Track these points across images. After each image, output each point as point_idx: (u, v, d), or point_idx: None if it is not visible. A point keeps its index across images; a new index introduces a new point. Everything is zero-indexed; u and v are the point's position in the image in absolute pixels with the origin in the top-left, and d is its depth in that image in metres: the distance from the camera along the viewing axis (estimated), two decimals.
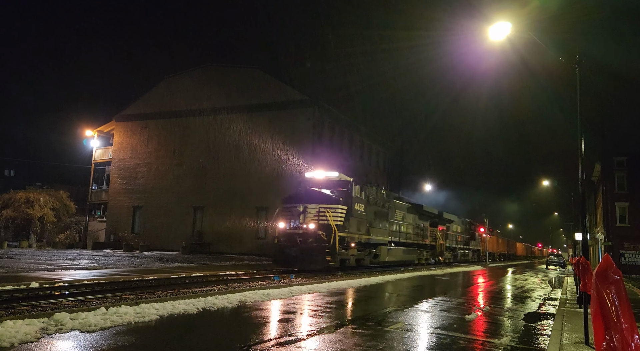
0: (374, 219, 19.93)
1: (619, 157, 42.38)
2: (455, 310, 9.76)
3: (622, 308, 2.54)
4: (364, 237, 18.85)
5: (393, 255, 22.17)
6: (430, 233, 29.60)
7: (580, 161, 12.19)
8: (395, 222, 23.09)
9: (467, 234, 41.10)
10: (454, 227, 36.64)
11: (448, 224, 34.46)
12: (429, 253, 29.14)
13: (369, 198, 19.50)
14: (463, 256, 38.92)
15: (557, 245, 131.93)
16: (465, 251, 40.20)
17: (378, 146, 45.57)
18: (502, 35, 11.17)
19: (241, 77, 35.40)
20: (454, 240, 36.17)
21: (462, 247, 39.28)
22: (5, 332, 5.17)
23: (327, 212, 16.03)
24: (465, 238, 40.70)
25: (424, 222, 28.52)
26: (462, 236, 39.16)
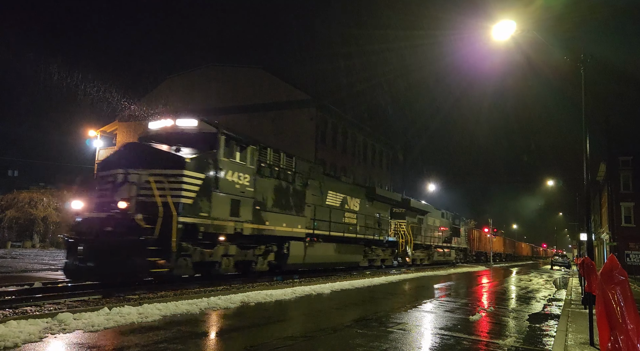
0: (274, 199, 12.88)
1: (625, 156, 42.11)
2: (459, 310, 9.72)
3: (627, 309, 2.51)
4: (249, 226, 11.71)
5: (317, 254, 15.28)
6: (393, 227, 23.12)
7: (585, 160, 12.14)
8: (324, 207, 15.94)
9: (449, 229, 33.77)
10: (430, 220, 29.48)
11: (421, 216, 27.55)
12: (387, 252, 22.34)
13: (261, 166, 12.40)
14: (442, 256, 31.34)
15: (561, 245, 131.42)
16: (446, 250, 32.46)
17: (381, 146, 45.53)
18: (506, 35, 11.13)
19: (244, 76, 35.45)
20: (429, 236, 28.79)
21: (442, 244, 31.73)
22: (9, 332, 5.18)
23: (164, 183, 9.56)
24: (447, 235, 33.33)
25: (382, 211, 21.58)
26: (441, 231, 31.87)
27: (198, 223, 9.96)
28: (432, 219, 30.03)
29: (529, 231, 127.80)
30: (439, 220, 31.56)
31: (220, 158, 10.89)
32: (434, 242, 29.66)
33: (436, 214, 31.24)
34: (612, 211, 37.45)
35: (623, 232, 40.13)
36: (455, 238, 35.24)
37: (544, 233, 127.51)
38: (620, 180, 42.06)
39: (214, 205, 10.53)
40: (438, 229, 31.17)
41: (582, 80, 11.61)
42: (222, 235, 10.82)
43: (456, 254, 35.33)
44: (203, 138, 10.89)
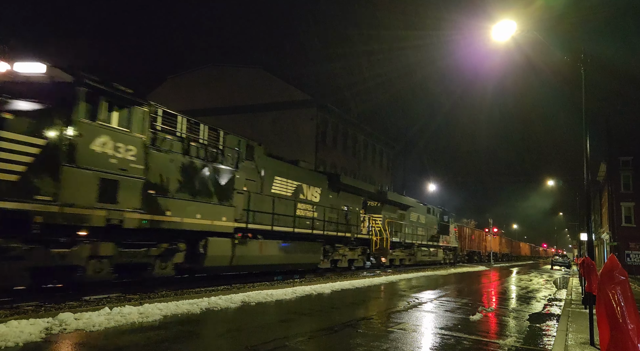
0: (181, 182, 9.88)
1: (625, 156, 42.10)
2: (459, 310, 9.72)
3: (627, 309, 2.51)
4: (137, 216, 8.71)
5: (252, 254, 12.13)
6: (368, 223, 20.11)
7: (585, 160, 12.14)
8: (266, 195, 13.00)
9: (437, 227, 30.30)
10: (413, 216, 26.12)
11: (402, 211, 24.18)
12: (357, 252, 19.04)
13: (157, 136, 9.44)
14: (428, 256, 27.91)
15: (562, 245, 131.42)
16: (432, 249, 28.77)
17: (382, 146, 45.53)
18: (506, 35, 11.14)
19: (244, 76, 35.47)
20: (412, 233, 25.35)
21: (427, 243, 28.07)
22: (10, 332, 5.19)
23: None
24: (434, 232, 29.70)
25: (351, 204, 18.45)
26: (426, 229, 28.22)
27: (30, 210, 7.05)
28: (416, 215, 26.67)
29: (529, 231, 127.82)
30: (424, 216, 27.96)
31: (79, 118, 7.82)
32: (417, 240, 26.08)
33: (421, 210, 27.80)
34: (612, 211, 37.43)
35: (623, 232, 40.12)
36: (444, 236, 31.45)
37: (544, 233, 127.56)
38: (621, 180, 42.05)
39: (67, 185, 7.53)
40: (423, 226, 27.75)
41: (583, 80, 11.61)
42: (83, 228, 7.88)
43: (444, 254, 31.59)
44: (55, 90, 7.80)
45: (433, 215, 29.93)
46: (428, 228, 28.63)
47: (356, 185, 19.41)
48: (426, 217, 28.51)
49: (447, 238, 32.32)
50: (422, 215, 27.79)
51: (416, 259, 25.77)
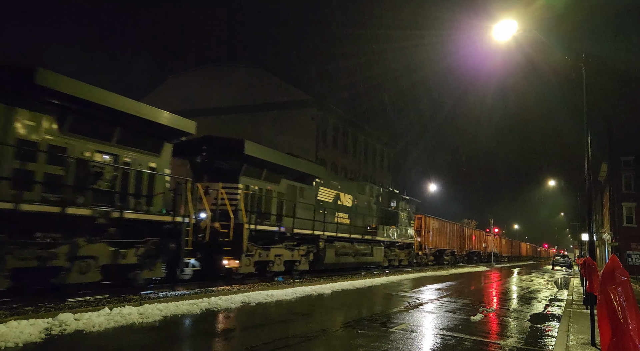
0: None
1: (626, 156, 42.04)
2: (460, 311, 9.70)
3: (629, 310, 2.49)
4: None
5: None
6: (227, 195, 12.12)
7: (586, 160, 12.11)
8: None
9: (375, 214, 20.94)
10: (324, 193, 16.81)
11: (293, 182, 15.02)
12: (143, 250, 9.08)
13: None
14: (353, 255, 18.11)
15: (563, 245, 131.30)
16: (371, 246, 19.50)
17: (382, 146, 45.54)
18: (507, 34, 11.12)
19: (244, 77, 35.49)
20: (318, 219, 15.74)
21: (354, 237, 18.05)
22: (10, 332, 5.18)
23: None
24: (373, 221, 20.51)
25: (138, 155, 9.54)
26: (357, 215, 19.01)
27: None
28: (332, 193, 17.22)
29: (530, 231, 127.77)
30: (350, 196, 18.53)
31: None
32: (331, 231, 16.27)
33: (344, 186, 18.60)
34: (613, 211, 37.38)
35: (625, 232, 40.07)
36: (390, 228, 21.59)
37: (545, 233, 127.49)
38: (622, 180, 42.00)
39: None
40: (349, 211, 18.32)
41: (584, 80, 11.59)
42: None
43: (389, 252, 21.97)
44: None
45: (371, 197, 20.62)
46: (359, 214, 19.09)
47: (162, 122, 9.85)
48: (355, 198, 18.95)
49: (396, 230, 22.22)
50: (345, 194, 18.13)
51: (323, 261, 15.70)
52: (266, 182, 13.70)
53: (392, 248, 22.49)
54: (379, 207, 21.49)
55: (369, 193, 20.78)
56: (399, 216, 23.21)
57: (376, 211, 21.14)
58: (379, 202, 21.52)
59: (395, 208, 23.00)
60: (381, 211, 21.61)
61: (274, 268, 13.41)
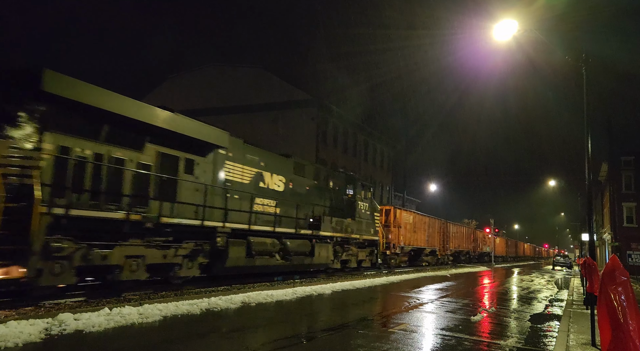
0: None
1: (627, 156, 42.05)
2: (460, 311, 9.70)
3: (629, 310, 2.49)
4: None
5: None
6: None
7: (587, 160, 12.11)
8: None
9: (327, 200, 16.75)
10: (235, 170, 12.33)
11: (194, 156, 10.98)
12: None
13: None
14: (295, 255, 13.92)
15: (563, 245, 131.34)
16: (311, 243, 14.81)
17: (382, 146, 45.54)
18: (508, 34, 11.12)
19: (245, 76, 35.51)
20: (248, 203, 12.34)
21: (294, 233, 13.91)
22: (10, 332, 5.18)
23: None
24: (323, 208, 16.28)
25: None
26: (297, 201, 14.55)
27: None
28: (250, 171, 12.88)
29: (530, 231, 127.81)
30: (282, 178, 14.10)
31: None
32: (240, 221, 11.87)
33: (272, 164, 13.76)
34: (614, 211, 37.40)
35: (625, 232, 40.07)
36: (344, 221, 16.89)
37: (546, 233, 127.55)
38: (622, 180, 42.00)
39: None
40: (282, 197, 13.89)
41: (584, 80, 11.59)
42: None
43: (341, 249, 16.89)
44: None
45: (315, 180, 15.86)
46: (297, 202, 14.36)
47: None
48: (289, 180, 14.33)
49: (353, 224, 17.48)
50: (274, 174, 13.64)
51: (225, 263, 11.18)
52: (112, 145, 8.94)
53: (346, 246, 17.34)
54: (329, 195, 16.87)
55: (311, 176, 15.80)
56: (358, 206, 18.18)
57: (323, 199, 16.36)
58: (328, 187, 16.94)
59: (351, 196, 18.12)
60: (331, 199, 16.94)
61: (125, 276, 8.78)
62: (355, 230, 17.80)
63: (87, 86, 8.29)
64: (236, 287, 10.85)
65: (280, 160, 14.45)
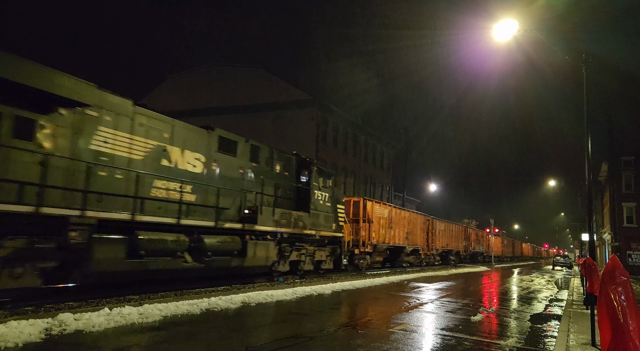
0: None
1: (627, 156, 42.06)
2: (460, 311, 9.70)
3: (629, 310, 2.49)
4: None
5: None
6: None
7: (587, 160, 12.11)
8: None
9: (270, 187, 13.42)
10: (131, 141, 9.23)
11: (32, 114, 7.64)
12: None
13: None
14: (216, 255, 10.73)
15: (563, 245, 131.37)
16: (242, 240, 11.65)
17: (382, 146, 45.54)
18: (508, 34, 11.12)
19: (244, 76, 35.52)
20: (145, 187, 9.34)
21: (213, 226, 10.68)
22: (10, 333, 5.18)
23: None
24: (265, 197, 12.92)
25: None
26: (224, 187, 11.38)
27: None
28: (146, 144, 9.60)
29: (530, 231, 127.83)
30: (199, 155, 11.07)
31: None
32: (121, 209, 8.71)
33: (183, 136, 10.64)
34: (614, 211, 37.41)
35: (625, 232, 40.09)
36: (294, 213, 13.94)
37: (546, 233, 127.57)
38: (622, 180, 42.01)
39: None
40: (199, 178, 10.96)
41: (584, 80, 11.60)
42: None
43: (288, 247, 13.72)
44: None
45: (252, 162, 12.78)
46: (223, 188, 11.44)
47: None
48: (211, 159, 11.45)
49: (307, 218, 14.47)
50: (185, 150, 10.66)
51: (88, 267, 7.98)
52: None
53: (298, 244, 14.16)
54: (274, 181, 13.56)
55: (246, 156, 12.57)
56: (314, 197, 14.90)
57: (265, 186, 12.99)
58: (273, 172, 13.65)
59: (305, 184, 14.87)
60: (277, 187, 13.76)
61: None
62: (310, 224, 14.55)
63: None
64: (236, 287, 10.85)
65: (198, 133, 11.10)
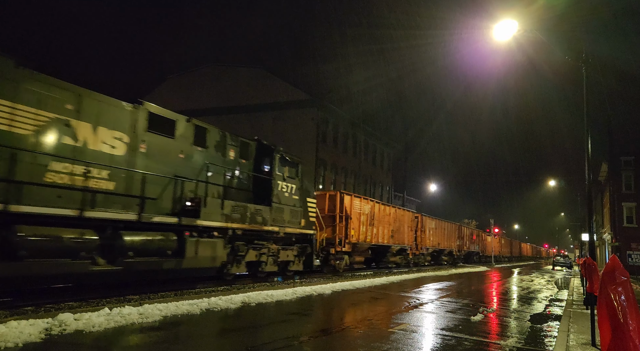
0: None
1: (627, 156, 42.07)
2: (460, 311, 9.70)
3: (629, 310, 2.49)
4: None
5: None
6: None
7: (587, 160, 12.11)
8: None
9: (221, 176, 11.49)
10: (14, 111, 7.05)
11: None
12: None
13: None
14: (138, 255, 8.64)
15: (563, 245, 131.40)
16: (179, 237, 9.59)
17: (382, 146, 45.53)
18: (508, 34, 11.12)
19: (244, 76, 35.52)
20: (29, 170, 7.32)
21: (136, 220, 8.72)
22: (9, 333, 5.18)
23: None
24: (214, 187, 11.07)
25: None
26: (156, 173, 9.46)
27: None
28: (45, 116, 7.70)
29: (530, 231, 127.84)
30: (121, 134, 8.94)
31: None
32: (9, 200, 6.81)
33: (95, 108, 8.50)
34: (614, 211, 37.41)
35: (625, 232, 40.10)
36: (249, 206, 11.76)
37: (546, 233, 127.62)
38: (622, 180, 42.02)
39: None
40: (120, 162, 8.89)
41: (584, 80, 11.60)
42: None
43: (245, 248, 11.70)
44: None
45: (196, 146, 10.90)
46: (161, 175, 9.69)
47: None
48: (142, 139, 9.42)
49: (267, 212, 12.46)
50: (99, 126, 8.54)
51: None
52: None
53: (258, 242, 12.18)
54: (224, 168, 11.62)
55: (189, 139, 10.60)
56: (277, 188, 12.90)
57: (214, 174, 11.16)
58: (225, 159, 11.77)
59: (267, 174, 12.84)
60: (231, 176, 11.95)
61: None
62: (271, 220, 12.46)
63: None
64: (236, 287, 10.85)
65: (119, 107, 9.02)
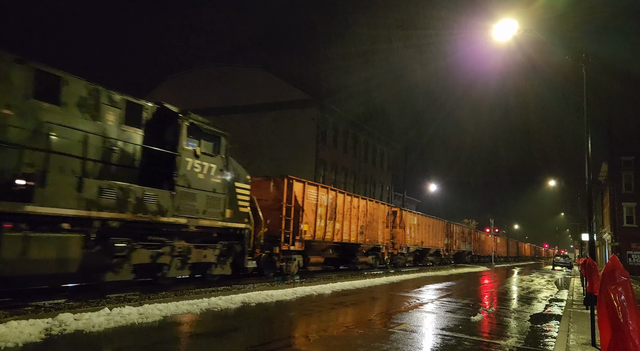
0: None
1: (627, 156, 42.04)
2: (460, 311, 9.70)
3: (629, 310, 2.49)
4: None
5: None
6: None
7: (587, 160, 12.11)
8: None
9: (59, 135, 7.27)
10: None
11: None
12: None
13: None
14: None
15: (563, 245, 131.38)
16: None
17: (382, 146, 45.53)
18: (507, 34, 11.13)
19: (244, 76, 35.52)
20: None
21: None
22: (10, 333, 5.18)
23: None
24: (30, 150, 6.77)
25: None
26: None
27: None
28: None
29: (530, 231, 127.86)
30: None
31: None
32: None
33: None
34: (614, 211, 37.38)
35: (625, 232, 40.07)
36: (136, 189, 8.30)
37: (546, 233, 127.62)
38: (622, 180, 42.00)
39: None
40: None
41: (584, 79, 11.60)
42: None
43: (129, 245, 8.29)
44: None
45: (43, 101, 7.22)
46: None
47: None
48: None
49: (167, 199, 8.98)
50: None
51: None
52: None
53: (155, 238, 9.14)
54: (89, 134, 8.01)
55: (20, 88, 7.01)
56: (186, 166, 9.63)
57: (70, 140, 7.65)
58: (93, 122, 8.17)
59: (170, 148, 9.46)
60: (110, 148, 8.50)
61: None
62: (174, 209, 9.28)
63: None
64: (236, 287, 10.85)
65: None
